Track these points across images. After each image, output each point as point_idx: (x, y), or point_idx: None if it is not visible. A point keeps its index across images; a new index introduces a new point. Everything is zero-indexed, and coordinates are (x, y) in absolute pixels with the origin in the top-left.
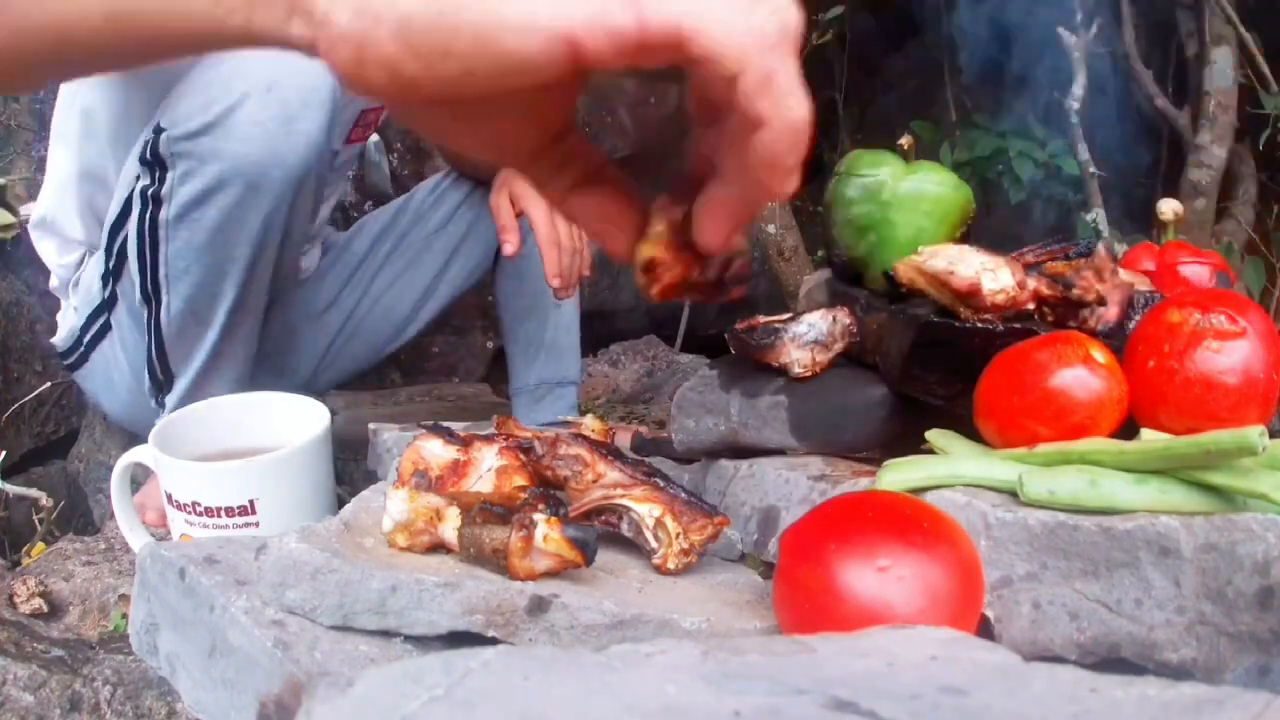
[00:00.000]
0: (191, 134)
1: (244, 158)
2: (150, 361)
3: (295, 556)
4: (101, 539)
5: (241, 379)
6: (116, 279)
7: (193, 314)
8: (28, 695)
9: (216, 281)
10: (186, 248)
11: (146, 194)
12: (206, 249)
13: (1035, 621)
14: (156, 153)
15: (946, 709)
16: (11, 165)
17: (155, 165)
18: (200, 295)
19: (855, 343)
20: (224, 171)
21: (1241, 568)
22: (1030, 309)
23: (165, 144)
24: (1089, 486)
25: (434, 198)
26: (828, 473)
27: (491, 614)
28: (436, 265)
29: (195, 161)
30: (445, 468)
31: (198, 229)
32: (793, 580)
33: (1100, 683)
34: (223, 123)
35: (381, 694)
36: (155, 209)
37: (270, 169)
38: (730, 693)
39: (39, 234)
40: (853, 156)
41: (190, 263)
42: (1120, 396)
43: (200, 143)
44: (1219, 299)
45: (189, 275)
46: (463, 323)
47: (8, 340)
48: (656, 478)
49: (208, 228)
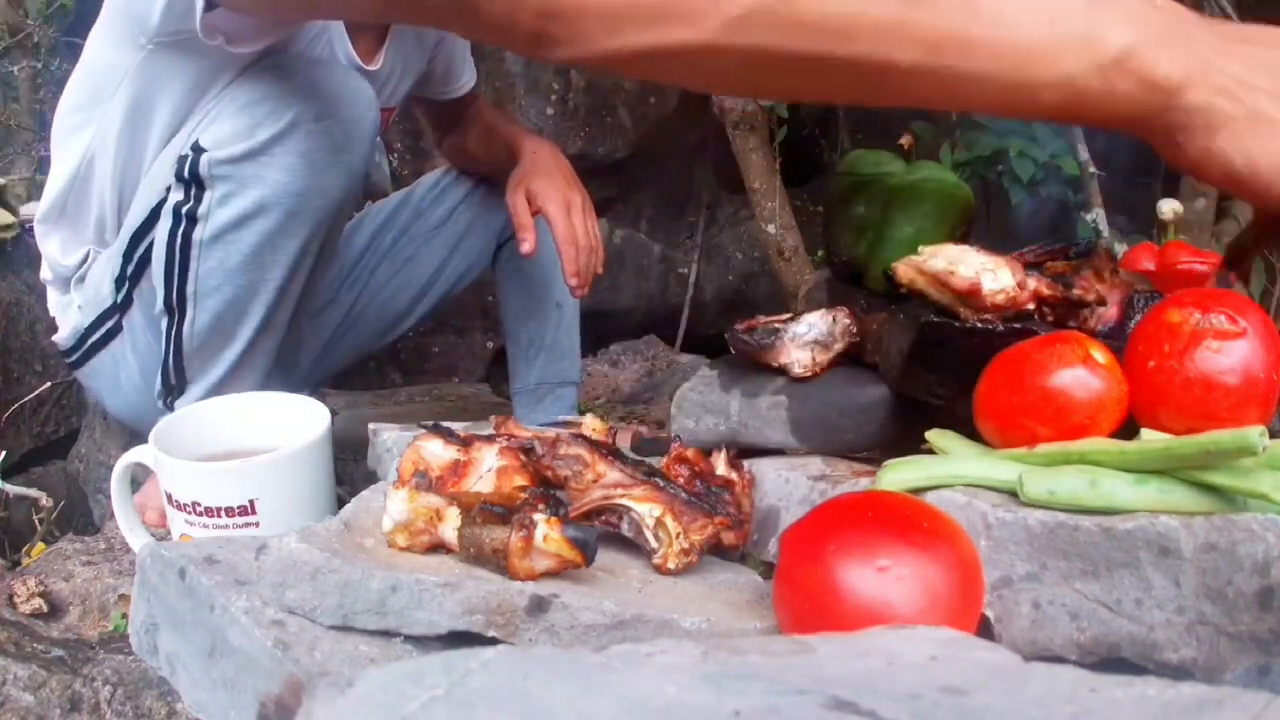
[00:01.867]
0: (234, 159)
1: (287, 187)
2: (166, 369)
3: (295, 556)
4: (101, 539)
5: (254, 389)
6: (134, 284)
7: (218, 330)
8: (28, 695)
9: (246, 302)
10: (219, 268)
11: (180, 210)
12: (240, 271)
13: (1035, 621)
14: (196, 172)
15: (946, 709)
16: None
17: (193, 184)
18: (228, 314)
19: (855, 343)
20: (265, 198)
21: (1241, 568)
22: (1030, 309)
23: (206, 165)
24: (1089, 486)
25: (434, 194)
26: (828, 473)
27: (491, 614)
28: (435, 261)
29: (236, 185)
30: (445, 468)
31: (233, 251)
32: (793, 580)
33: (1100, 683)
34: (269, 150)
35: (381, 694)
36: (189, 226)
37: (313, 198)
38: (730, 693)
39: (44, 229)
40: (853, 156)
41: (222, 282)
42: (1120, 396)
43: (243, 168)
44: (1219, 299)
45: (219, 294)
46: (463, 323)
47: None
48: (656, 478)
49: (244, 251)
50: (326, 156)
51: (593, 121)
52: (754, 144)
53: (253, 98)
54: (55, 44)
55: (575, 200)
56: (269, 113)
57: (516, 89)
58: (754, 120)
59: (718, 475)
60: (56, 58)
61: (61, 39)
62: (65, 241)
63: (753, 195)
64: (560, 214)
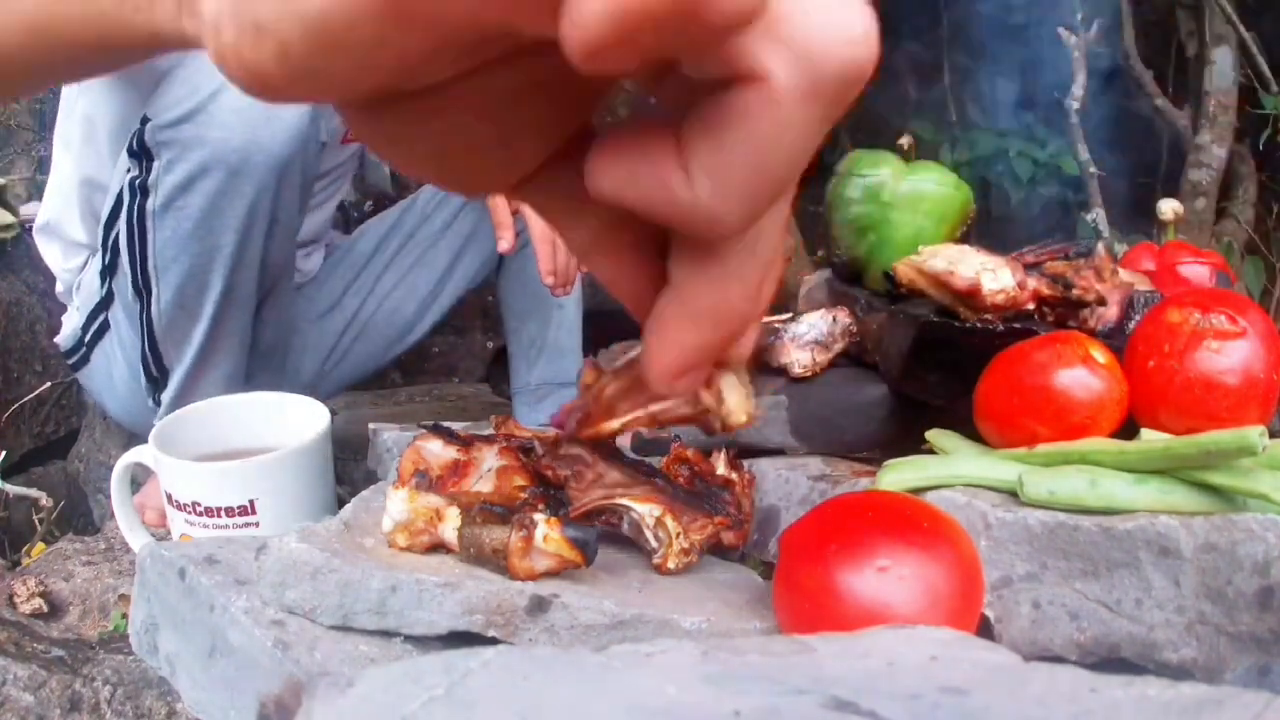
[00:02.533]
0: (174, 122)
1: (225, 144)
2: (144, 357)
3: (295, 556)
4: (101, 539)
5: (235, 376)
6: (112, 275)
7: (181, 306)
8: (28, 695)
9: (204, 272)
10: (174, 236)
11: (135, 185)
12: (192, 237)
13: (1035, 621)
14: (143, 143)
15: (946, 709)
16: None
17: (142, 155)
18: (188, 286)
19: (855, 343)
20: (206, 158)
21: (1241, 568)
22: (1030, 309)
23: (150, 133)
24: (1089, 486)
25: (438, 199)
26: (828, 473)
27: (491, 614)
28: (442, 266)
29: (179, 149)
30: (445, 468)
31: (183, 217)
32: (793, 580)
33: (1100, 683)
34: (204, 109)
35: (381, 694)
36: (143, 199)
37: (252, 155)
38: (730, 693)
39: (43, 239)
40: (853, 156)
41: (178, 252)
42: (1120, 396)
43: (182, 130)
44: (1219, 299)
45: (176, 265)
46: (463, 323)
47: (8, 340)
48: (656, 478)
49: (193, 216)
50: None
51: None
52: None
53: (192, 69)
54: None
55: None
56: (205, 76)
57: None
58: None
59: (718, 475)
60: None
61: None
62: (65, 248)
63: None
64: None
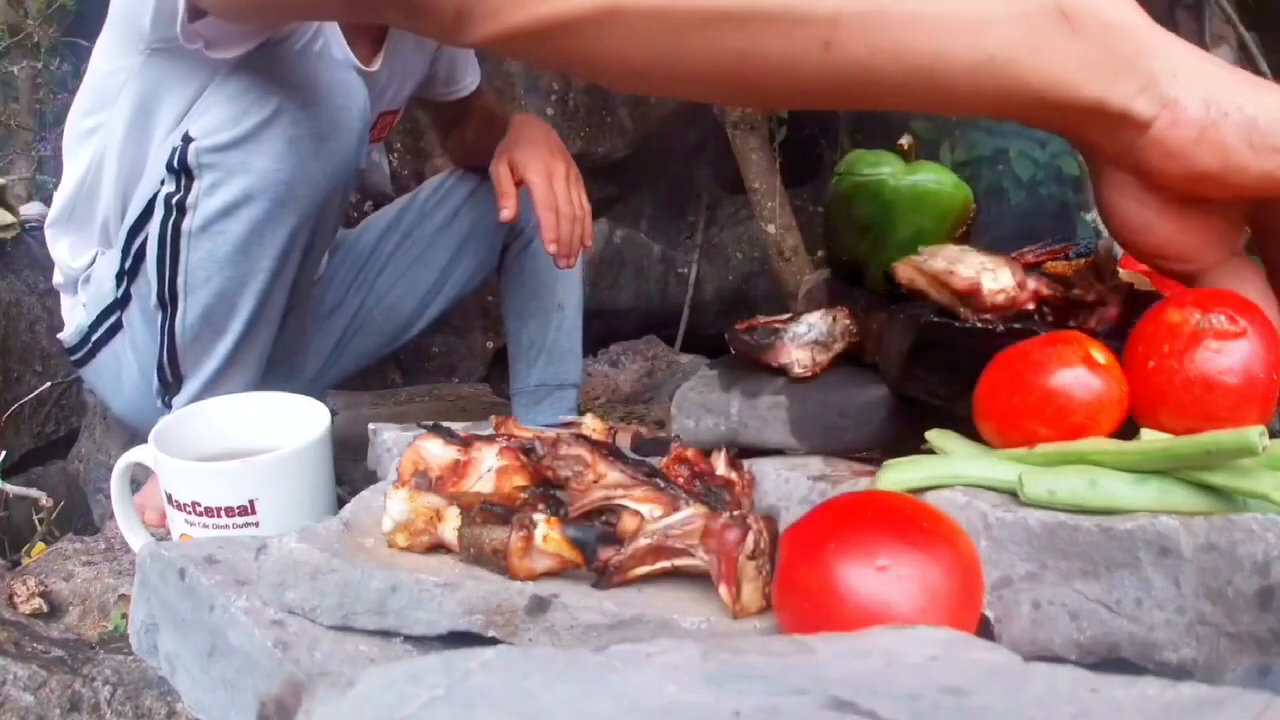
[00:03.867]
0: (221, 146)
1: (273, 174)
2: (161, 365)
3: (295, 556)
4: (101, 539)
5: (251, 385)
6: (132, 279)
7: (209, 323)
8: (28, 695)
9: (236, 294)
10: (209, 259)
11: (171, 201)
12: (229, 262)
13: (1035, 621)
14: (184, 161)
15: (946, 709)
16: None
17: (182, 173)
18: (219, 306)
19: (855, 343)
20: (252, 186)
21: (1241, 568)
22: (1030, 309)
23: (194, 154)
24: (1089, 486)
25: (439, 196)
26: (828, 473)
27: (491, 614)
28: (442, 262)
29: (223, 174)
30: (445, 468)
31: (221, 241)
32: (793, 580)
33: (1100, 683)
34: (254, 137)
35: (381, 694)
36: (179, 217)
37: (299, 187)
38: (730, 693)
39: (54, 233)
40: (853, 156)
41: (211, 274)
42: (1120, 396)
43: (229, 156)
44: (1219, 299)
45: (209, 285)
46: (463, 323)
47: (8, 340)
48: (657, 478)
49: (232, 241)
50: (312, 144)
51: (593, 121)
52: (754, 144)
53: (241, 88)
54: (55, 44)
55: (559, 169)
56: (255, 100)
57: (516, 89)
58: (754, 120)
59: (718, 475)
60: (56, 58)
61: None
62: (74, 244)
63: (753, 195)
64: (541, 181)
